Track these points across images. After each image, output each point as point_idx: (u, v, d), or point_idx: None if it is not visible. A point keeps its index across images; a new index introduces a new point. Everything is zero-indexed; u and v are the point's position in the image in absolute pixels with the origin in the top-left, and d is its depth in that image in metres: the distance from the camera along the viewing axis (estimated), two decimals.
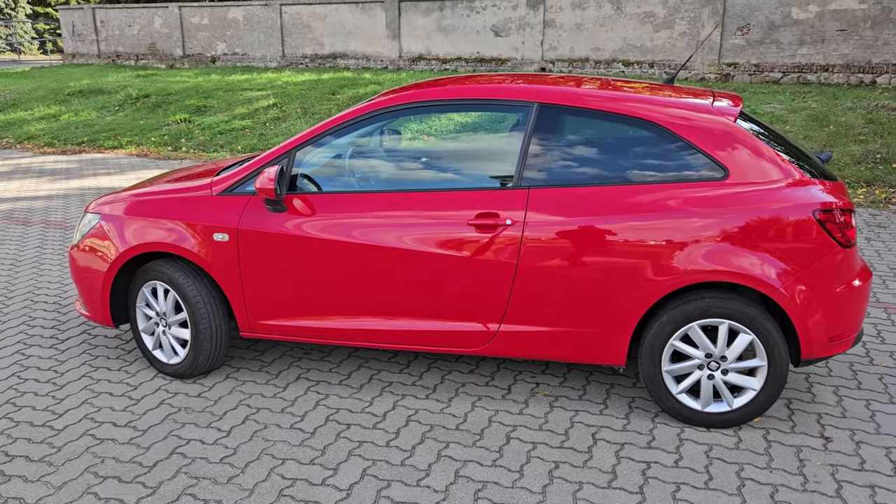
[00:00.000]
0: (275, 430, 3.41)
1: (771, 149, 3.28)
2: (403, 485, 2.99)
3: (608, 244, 3.26)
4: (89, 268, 3.91)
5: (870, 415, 3.51)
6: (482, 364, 4.06)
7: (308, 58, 18.92)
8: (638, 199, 3.26)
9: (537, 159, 3.39)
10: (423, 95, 3.57)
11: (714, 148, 3.26)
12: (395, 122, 3.78)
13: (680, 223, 3.21)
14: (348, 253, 3.49)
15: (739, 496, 2.90)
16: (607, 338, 3.37)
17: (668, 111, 3.33)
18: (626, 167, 3.33)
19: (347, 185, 3.68)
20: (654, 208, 3.23)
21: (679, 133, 3.29)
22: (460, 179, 3.53)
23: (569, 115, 3.42)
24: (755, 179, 3.22)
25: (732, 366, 3.30)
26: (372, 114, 3.59)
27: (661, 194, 3.25)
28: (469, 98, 3.56)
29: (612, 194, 3.29)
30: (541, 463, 3.14)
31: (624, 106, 3.37)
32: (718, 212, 3.19)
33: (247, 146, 10.77)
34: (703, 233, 3.19)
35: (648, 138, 3.33)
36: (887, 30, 13.57)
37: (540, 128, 3.41)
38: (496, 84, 3.58)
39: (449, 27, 17.10)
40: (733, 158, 3.25)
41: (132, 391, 3.79)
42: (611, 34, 15.67)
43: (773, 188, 3.20)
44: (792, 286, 3.16)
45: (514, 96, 3.49)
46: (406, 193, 3.49)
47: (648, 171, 3.30)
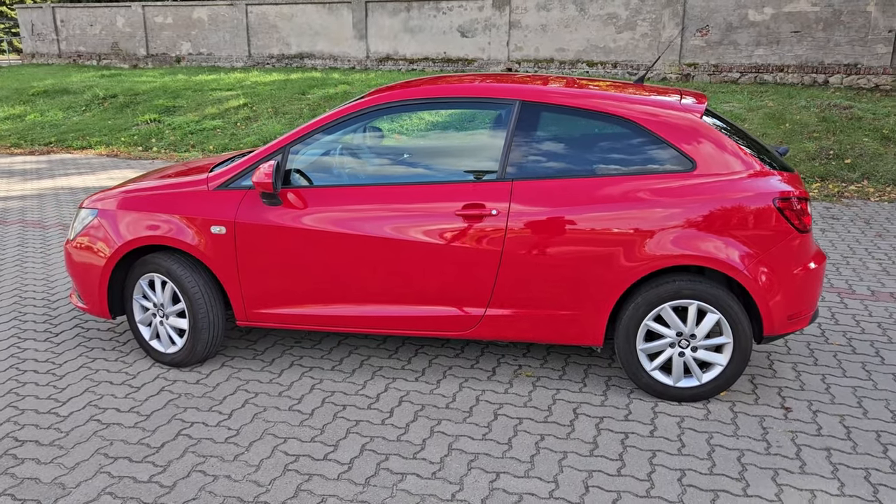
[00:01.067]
0: (274, 412, 3.59)
1: (734, 142, 3.56)
2: (401, 458, 3.20)
3: (586, 232, 3.51)
4: (87, 262, 4.04)
5: (825, 387, 3.81)
6: (467, 348, 4.28)
7: (275, 58, 18.95)
8: (613, 190, 3.51)
9: (519, 153, 3.62)
10: (413, 94, 3.78)
11: (682, 142, 3.53)
12: (385, 119, 3.97)
13: (652, 212, 3.46)
14: (342, 244, 3.69)
15: (710, 460, 3.17)
16: (586, 320, 3.62)
17: (640, 108, 3.59)
18: (601, 160, 3.58)
19: (340, 179, 3.88)
20: (629, 198, 3.49)
21: (650, 128, 3.55)
22: (447, 173, 3.75)
23: (548, 112, 3.66)
24: (720, 171, 3.50)
25: (701, 343, 3.57)
26: (364, 111, 3.79)
27: (635, 185, 3.50)
28: (456, 96, 3.78)
29: (589, 185, 3.54)
30: (527, 436, 3.37)
31: (599, 103, 3.62)
32: (687, 201, 3.46)
33: (218, 146, 10.84)
34: (673, 220, 3.45)
35: (622, 133, 3.59)
36: (838, 32, 14.13)
37: (521, 124, 3.64)
38: (480, 83, 3.81)
39: (416, 28, 17.30)
40: (700, 151, 3.52)
41: (132, 380, 3.93)
42: (575, 35, 16.02)
43: (737, 179, 3.48)
44: (754, 269, 3.44)
45: (497, 94, 3.72)
46: (397, 186, 3.70)
47: (622, 164, 3.56)
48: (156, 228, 3.87)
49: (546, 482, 3.02)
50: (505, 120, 3.68)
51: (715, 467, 3.12)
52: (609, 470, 3.10)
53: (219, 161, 4.41)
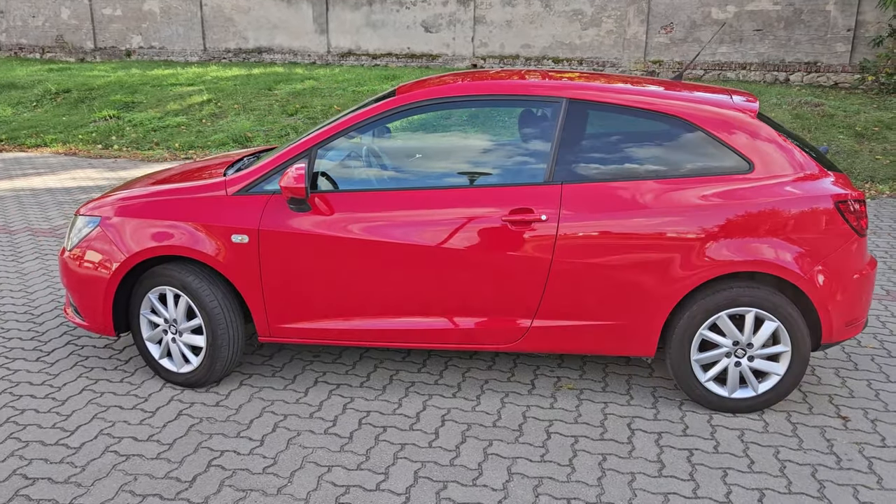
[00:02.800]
0: (309, 436, 3.31)
1: (791, 143, 3.42)
2: (459, 485, 2.97)
3: (640, 238, 3.32)
4: (88, 274, 3.67)
5: (874, 394, 3.71)
6: (498, 360, 4.06)
7: (231, 52, 18.35)
8: (668, 193, 3.33)
9: (568, 155, 3.41)
10: (448, 91, 3.54)
11: (738, 142, 3.37)
12: (421, 118, 3.71)
13: (709, 216, 3.30)
14: (380, 252, 3.42)
15: (784, 478, 3.02)
16: (638, 329, 3.43)
17: (694, 106, 3.42)
18: (654, 162, 3.40)
19: (373, 182, 3.60)
20: (684, 202, 3.31)
21: (705, 128, 3.38)
22: (492, 176, 3.52)
23: (597, 110, 3.46)
24: (778, 173, 3.35)
25: (758, 352, 3.42)
26: (396, 110, 3.53)
27: (691, 188, 3.33)
28: (497, 94, 3.55)
29: (643, 188, 3.35)
30: (588, 456, 3.17)
31: (651, 101, 3.43)
32: (745, 204, 3.30)
33: (184, 143, 10.36)
34: (731, 225, 3.29)
35: (676, 133, 3.41)
36: (798, 30, 14.35)
37: (570, 124, 3.43)
38: (525, 80, 3.58)
39: (378, 22, 16.95)
40: (757, 152, 3.37)
41: (143, 403, 3.58)
42: (540, 31, 15.92)
43: (795, 181, 3.34)
44: (816, 274, 3.30)
45: (543, 92, 3.50)
46: (436, 191, 3.45)
47: (676, 166, 3.38)
48: (169, 237, 3.54)
49: None
50: (552, 119, 3.46)
51: (792, 485, 2.97)
52: (684, 492, 2.93)
53: (230, 162, 4.08)
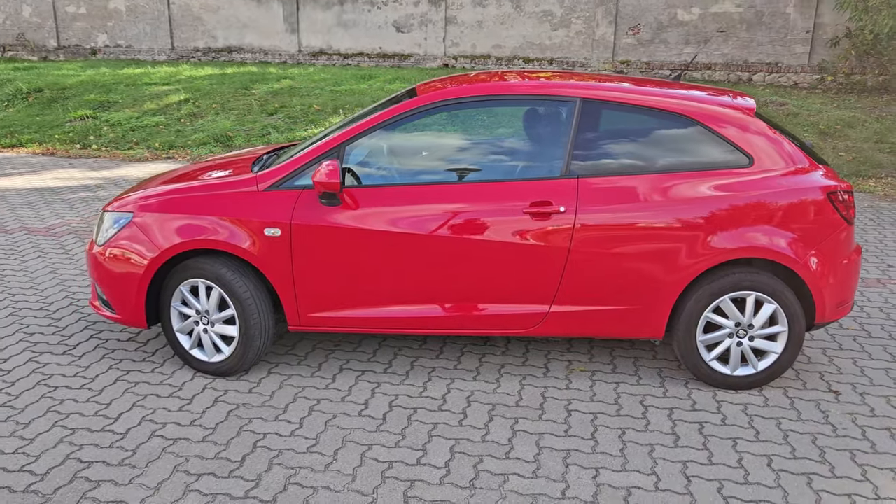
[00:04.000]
0: (344, 418, 3.49)
1: (785, 138, 3.72)
2: (494, 458, 3.18)
3: (651, 228, 3.58)
4: (121, 269, 3.80)
5: (860, 370, 4.03)
6: (511, 346, 4.28)
7: (200, 51, 18.26)
8: (676, 186, 3.60)
9: (582, 151, 3.65)
10: (471, 91, 3.75)
11: (739, 138, 3.65)
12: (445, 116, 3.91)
13: (714, 207, 3.57)
14: (406, 243, 3.62)
15: (788, 445, 3.30)
16: (650, 313, 3.69)
17: (698, 105, 3.69)
18: (662, 157, 3.66)
19: (400, 177, 3.79)
20: (691, 194, 3.58)
21: (708, 125, 3.65)
22: (511, 170, 3.74)
23: (609, 109, 3.71)
24: (775, 166, 3.64)
25: (758, 333, 3.71)
26: (421, 108, 3.72)
27: (696, 181, 3.60)
28: (517, 94, 3.77)
29: (652, 182, 3.61)
30: (608, 430, 3.41)
31: (659, 101, 3.69)
32: (747, 196, 3.58)
33: (165, 143, 10.38)
34: (734, 215, 3.57)
35: (682, 130, 3.67)
36: (760, 32, 14.89)
37: (583, 121, 3.67)
38: (542, 81, 3.81)
39: (350, 22, 17.06)
40: (756, 148, 3.65)
41: (178, 391, 3.72)
42: (511, 32, 16.20)
43: (791, 173, 3.64)
44: (810, 260, 3.60)
45: (558, 93, 3.73)
46: (460, 185, 3.66)
47: (683, 161, 3.65)
48: (204, 232, 3.68)
49: (646, 475, 3.08)
50: (567, 117, 3.70)
51: (796, 451, 3.25)
52: (700, 459, 3.19)
53: (251, 159, 4.23)
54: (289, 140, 10.08)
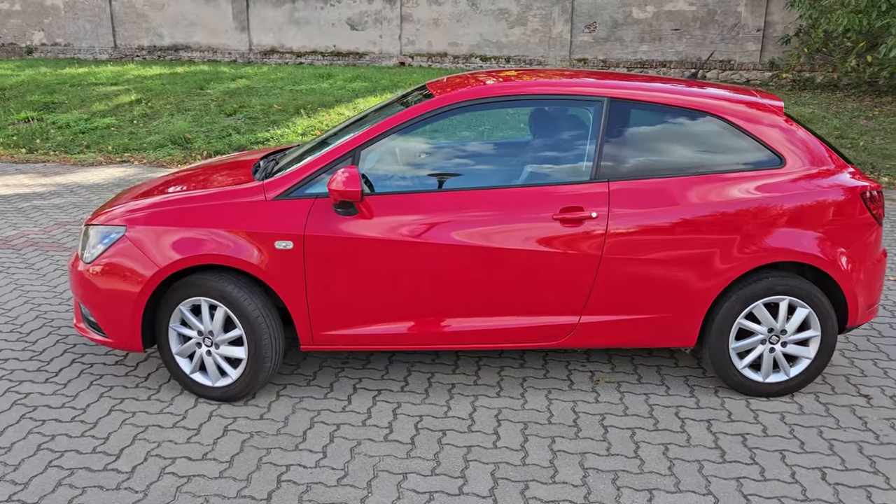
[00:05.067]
0: (370, 444, 3.24)
1: (815, 138, 3.62)
2: (540, 483, 2.99)
3: (686, 232, 3.43)
4: (114, 288, 3.46)
5: (882, 372, 3.98)
6: (528, 358, 4.09)
7: (145, 50, 17.55)
8: (709, 189, 3.46)
9: (612, 153, 3.48)
10: (492, 91, 3.53)
11: (770, 138, 3.53)
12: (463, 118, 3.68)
13: (748, 209, 3.44)
14: (431, 254, 3.39)
15: (836, 456, 3.20)
16: (683, 321, 3.55)
17: (729, 105, 3.56)
18: (694, 158, 3.52)
19: (420, 184, 3.55)
20: (724, 196, 3.45)
21: (740, 125, 3.52)
22: (537, 175, 3.54)
23: (638, 109, 3.54)
24: (807, 167, 3.54)
25: (791, 338, 3.60)
26: (439, 110, 3.49)
27: (729, 183, 3.47)
28: (540, 94, 3.58)
29: (684, 184, 3.46)
30: (650, 447, 3.25)
31: (689, 100, 3.55)
32: (780, 197, 3.46)
33: (118, 146, 9.85)
34: (768, 217, 3.45)
35: (713, 131, 3.54)
36: (713, 30, 15.08)
37: (612, 122, 3.50)
38: (566, 80, 3.62)
39: (302, 19, 16.63)
40: (787, 148, 3.54)
41: (182, 420, 3.41)
42: (467, 30, 16.04)
43: (823, 173, 3.54)
44: (844, 262, 3.51)
45: (584, 92, 3.55)
46: (484, 191, 3.45)
47: (715, 162, 3.51)
48: (207, 245, 3.38)
49: (702, 495, 2.92)
50: (595, 118, 3.52)
51: (846, 462, 3.15)
52: (753, 475, 3.05)
53: (249, 165, 3.93)
54: (252, 141, 9.69)
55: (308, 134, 9.84)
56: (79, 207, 7.12)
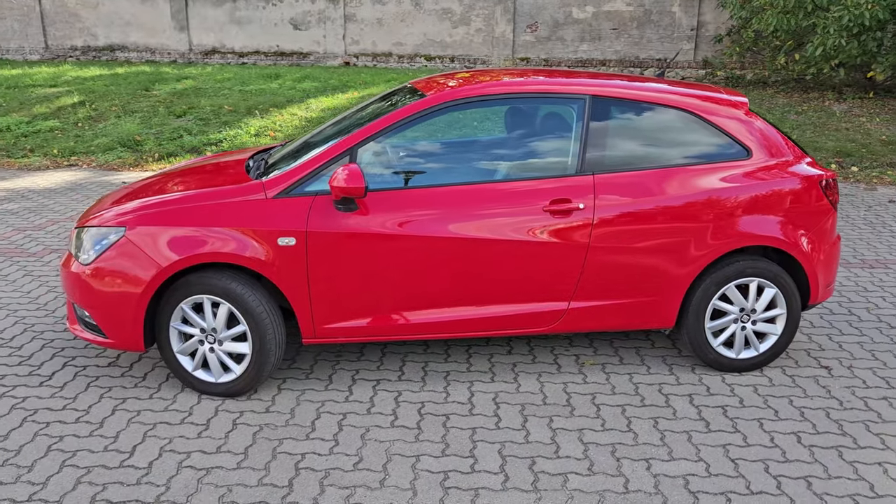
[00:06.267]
0: (379, 431, 3.37)
1: (775, 130, 3.91)
2: (546, 459, 3.17)
3: (666, 220, 3.67)
4: (115, 289, 3.48)
5: (838, 345, 4.32)
6: (515, 344, 4.28)
7: (79, 50, 17.06)
8: (685, 179, 3.71)
9: (595, 147, 3.70)
10: (484, 90, 3.70)
11: (738, 132, 3.81)
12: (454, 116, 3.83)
13: (721, 198, 3.71)
14: (428, 247, 3.53)
15: (807, 421, 3.49)
16: (663, 304, 3.79)
17: (699, 102, 3.82)
18: (670, 151, 3.77)
19: (416, 180, 3.68)
20: (700, 186, 3.71)
21: (710, 120, 3.79)
22: (526, 169, 3.72)
23: (617, 106, 3.76)
24: (770, 157, 3.83)
25: (760, 316, 3.89)
26: (431, 109, 3.64)
27: (703, 173, 3.73)
28: (527, 92, 3.76)
29: (662, 176, 3.71)
30: (641, 421, 3.48)
31: (663, 97, 3.80)
32: (749, 186, 3.74)
33: (64, 149, 9.62)
34: (739, 205, 3.72)
35: (686, 126, 3.79)
36: (650, 30, 15.61)
37: (594, 118, 3.72)
38: (550, 79, 3.82)
39: (244, 19, 16.46)
40: (753, 140, 3.83)
41: (189, 417, 3.47)
42: (412, 29, 16.17)
43: (785, 164, 3.84)
44: (807, 245, 3.82)
45: (568, 90, 3.75)
46: (478, 185, 3.62)
47: (689, 155, 3.77)
48: (210, 244, 3.44)
49: (694, 462, 3.16)
50: (578, 115, 3.73)
51: (817, 426, 3.44)
52: (738, 442, 3.31)
53: (240, 163, 4.00)
54: (204, 143, 9.61)
55: (261, 135, 9.82)
56: (35, 213, 6.97)
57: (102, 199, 4.12)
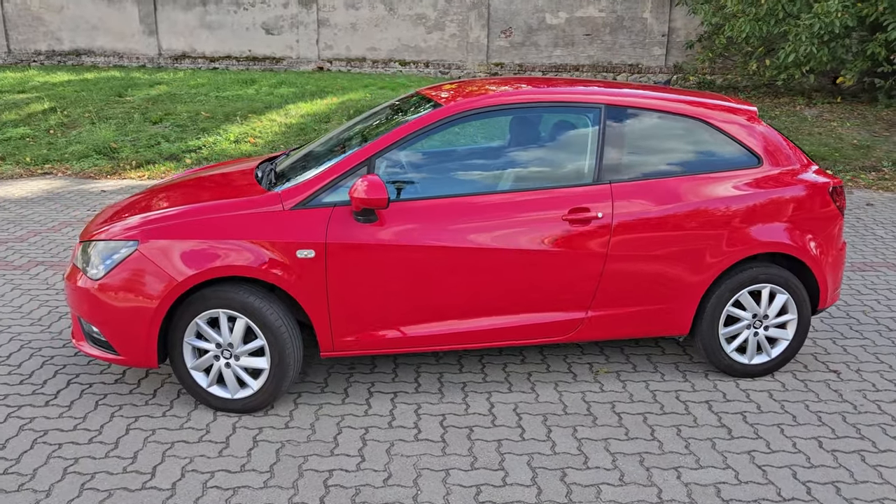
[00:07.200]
0: (404, 445, 3.33)
1: (785, 139, 3.97)
2: (576, 470, 3.16)
3: (683, 228, 3.69)
4: (128, 304, 3.38)
5: (842, 349, 4.38)
6: (527, 353, 4.26)
7: (43, 55, 16.65)
8: (700, 187, 3.74)
9: (611, 156, 3.70)
10: (501, 99, 3.68)
11: (749, 140, 3.86)
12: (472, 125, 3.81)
13: (736, 205, 3.74)
14: (449, 257, 3.50)
15: (826, 426, 3.53)
16: (679, 311, 3.81)
17: (711, 111, 3.85)
18: (683, 159, 3.79)
19: (434, 190, 3.64)
20: (714, 194, 3.74)
21: (722, 129, 3.83)
22: (544, 179, 3.71)
23: (631, 114, 3.77)
24: (780, 165, 3.88)
25: (772, 322, 3.93)
26: (448, 119, 3.61)
27: (717, 182, 3.76)
28: (542, 101, 3.75)
29: (677, 184, 3.73)
30: (664, 430, 3.49)
31: (677, 107, 3.82)
32: (762, 194, 3.79)
33: (38, 157, 9.36)
34: (752, 212, 3.76)
35: (698, 134, 3.82)
36: (622, 35, 15.79)
37: (609, 127, 3.72)
38: (566, 88, 3.82)
39: (215, 23, 16.23)
40: (763, 149, 3.87)
41: (207, 435, 3.38)
42: (386, 34, 16.11)
43: (795, 171, 3.89)
44: (817, 251, 3.87)
45: (583, 100, 3.75)
46: (497, 195, 3.60)
47: (702, 163, 3.80)
48: (227, 257, 3.36)
49: (722, 469, 3.18)
50: (593, 124, 3.73)
51: (836, 431, 3.48)
52: (761, 448, 3.34)
53: (251, 170, 3.92)
54: (183, 150, 9.44)
55: (241, 141, 9.68)
56: (15, 224, 6.77)
57: (105, 211, 4.01)
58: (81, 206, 7.41)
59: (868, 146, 9.88)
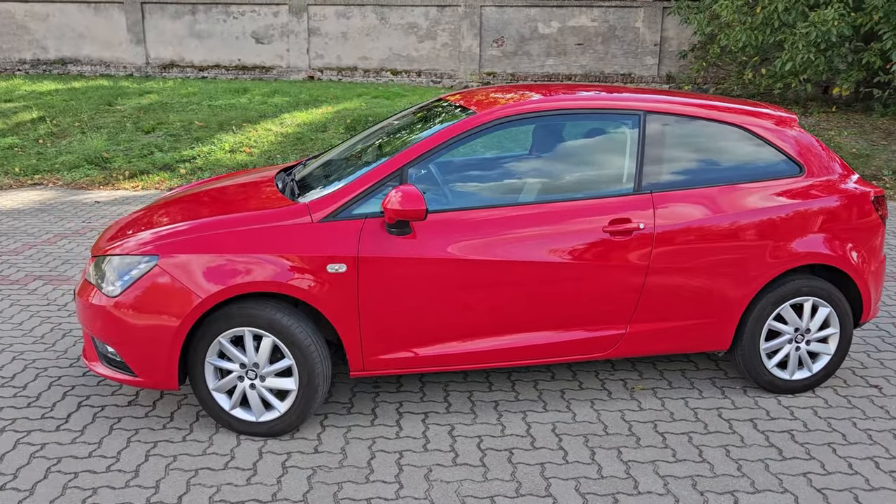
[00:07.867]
0: (442, 470, 3.14)
1: (825, 147, 3.85)
2: (627, 496, 2.99)
3: (726, 239, 3.55)
4: (149, 322, 3.18)
5: (879, 363, 4.26)
6: (557, 370, 4.09)
7: (28, 63, 16.32)
8: (742, 197, 3.60)
9: (652, 165, 3.56)
10: (534, 106, 3.53)
11: (791, 149, 3.73)
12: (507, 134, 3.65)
13: (779, 215, 3.61)
14: (488, 271, 3.33)
15: (878, 445, 3.39)
16: (720, 325, 3.67)
17: (752, 119, 3.73)
18: (725, 168, 3.66)
19: (469, 201, 3.48)
20: (757, 204, 3.60)
21: (764, 137, 3.70)
22: (583, 189, 3.55)
23: (671, 122, 3.64)
24: (822, 174, 3.76)
25: (813, 336, 3.80)
26: (481, 127, 3.45)
27: (759, 191, 3.63)
28: (579, 108, 3.61)
29: (719, 193, 3.59)
30: (711, 450, 3.33)
31: (716, 113, 3.69)
32: (805, 203, 3.66)
33: (27, 167, 9.08)
34: (795, 222, 3.63)
35: (740, 141, 3.69)
36: (615, 45, 15.76)
37: (649, 135, 3.58)
38: (603, 94, 3.68)
39: (204, 32, 16.00)
40: (805, 157, 3.75)
41: (232, 461, 3.18)
42: (377, 43, 15.97)
43: (838, 180, 3.77)
44: (860, 261, 3.75)
45: (622, 107, 3.61)
46: (534, 206, 3.44)
47: (743, 171, 3.67)
48: (253, 272, 3.17)
49: (780, 493, 3.03)
50: (632, 131, 3.59)
51: (890, 449, 3.35)
52: (816, 469, 3.19)
53: (270, 179, 3.74)
54: (177, 159, 9.21)
55: (237, 151, 9.47)
56: (7, 236, 6.51)
57: (116, 223, 3.80)
58: (76, 217, 7.16)
59: (867, 155, 9.85)
